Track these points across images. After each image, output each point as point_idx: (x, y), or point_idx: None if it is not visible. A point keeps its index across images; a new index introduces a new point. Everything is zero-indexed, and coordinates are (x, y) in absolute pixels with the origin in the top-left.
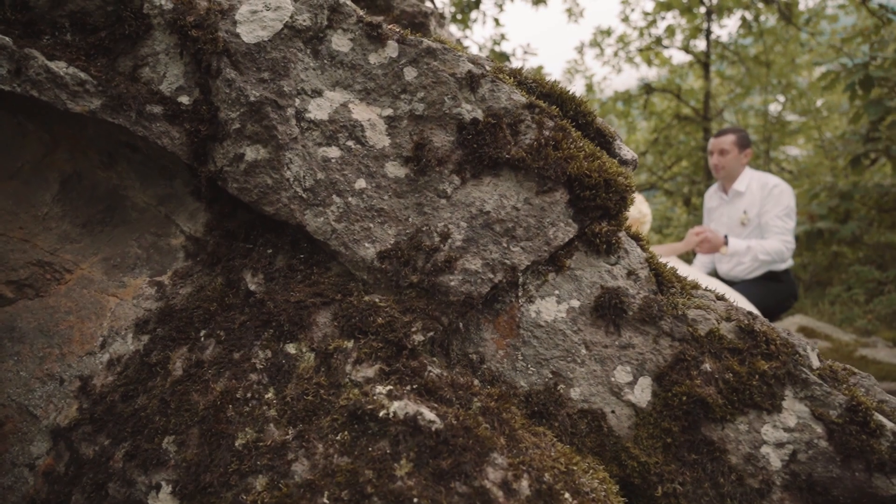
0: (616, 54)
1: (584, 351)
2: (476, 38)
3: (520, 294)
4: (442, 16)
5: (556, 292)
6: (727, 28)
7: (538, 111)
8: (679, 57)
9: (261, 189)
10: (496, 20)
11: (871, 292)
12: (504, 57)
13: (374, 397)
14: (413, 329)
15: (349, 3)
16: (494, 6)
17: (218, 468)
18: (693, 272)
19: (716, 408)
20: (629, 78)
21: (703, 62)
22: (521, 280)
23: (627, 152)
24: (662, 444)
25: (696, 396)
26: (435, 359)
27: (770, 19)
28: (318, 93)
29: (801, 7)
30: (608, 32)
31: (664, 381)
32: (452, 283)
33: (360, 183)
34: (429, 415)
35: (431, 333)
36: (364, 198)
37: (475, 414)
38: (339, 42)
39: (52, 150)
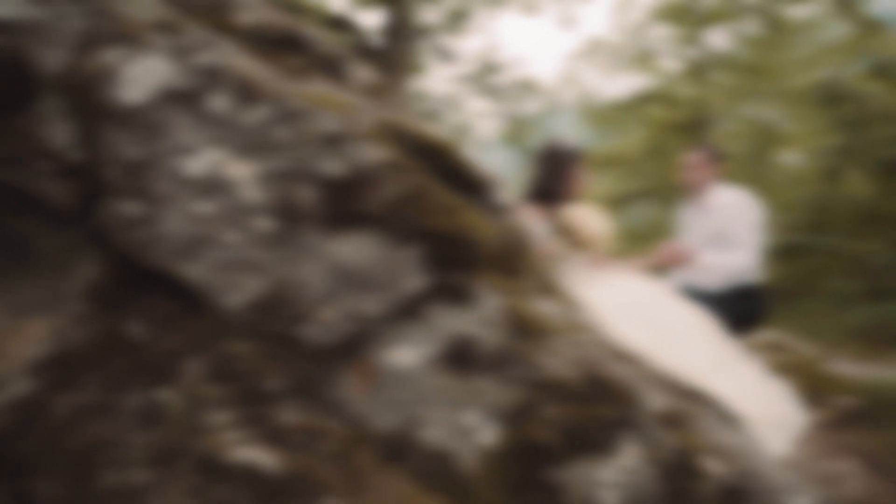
0: (609, 63)
1: (436, 395)
2: (468, 47)
3: (377, 342)
4: (382, 48)
5: (411, 340)
6: (720, 37)
7: (400, 168)
8: (672, 65)
9: (140, 242)
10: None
11: (842, 305)
12: (495, 68)
13: (225, 443)
14: (273, 376)
15: (229, 64)
16: (485, 15)
17: None
18: (660, 286)
19: (556, 451)
20: (623, 84)
21: (696, 70)
22: (377, 329)
23: (502, 199)
24: (508, 484)
25: (540, 440)
26: (293, 404)
27: (761, 28)
28: (194, 150)
29: (794, 16)
30: (601, 44)
31: (511, 424)
32: (312, 332)
33: (232, 236)
34: (269, 461)
35: (291, 380)
36: (235, 250)
37: (322, 458)
38: (216, 102)
39: None
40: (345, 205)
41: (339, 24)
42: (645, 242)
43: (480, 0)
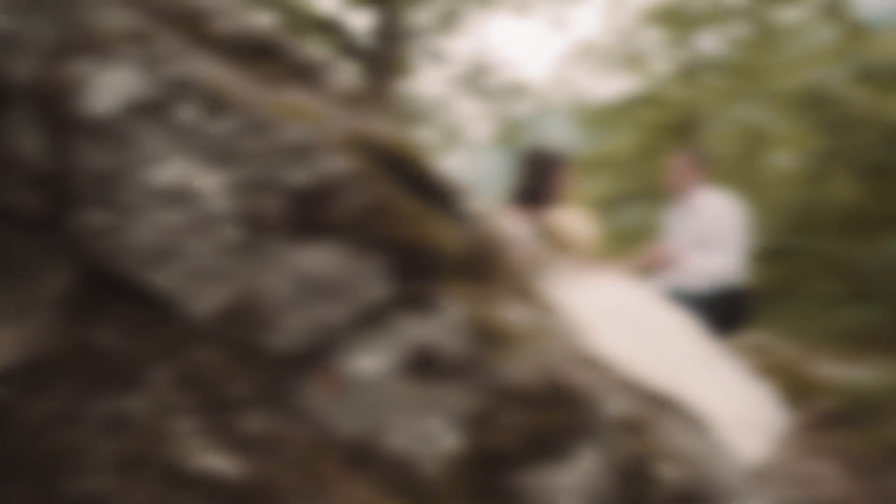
0: (600, 65)
1: (399, 402)
2: (459, 49)
3: (340, 350)
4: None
5: (374, 348)
6: (710, 39)
7: (365, 178)
8: (662, 67)
9: (108, 251)
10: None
11: (827, 307)
12: (486, 69)
13: (189, 450)
14: (238, 383)
15: (199, 74)
16: (475, 17)
17: None
18: (644, 289)
19: (517, 457)
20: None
21: (687, 73)
22: (341, 337)
23: (469, 208)
24: (469, 490)
25: (500, 446)
26: (258, 411)
27: (751, 31)
28: (161, 161)
29: (783, 19)
30: (592, 46)
31: (472, 431)
32: (277, 340)
33: (199, 245)
34: (233, 467)
35: (256, 388)
36: (202, 259)
37: (285, 464)
38: (184, 113)
39: None
40: (310, 214)
41: (327, 25)
42: (637, 243)
43: (471, 1)
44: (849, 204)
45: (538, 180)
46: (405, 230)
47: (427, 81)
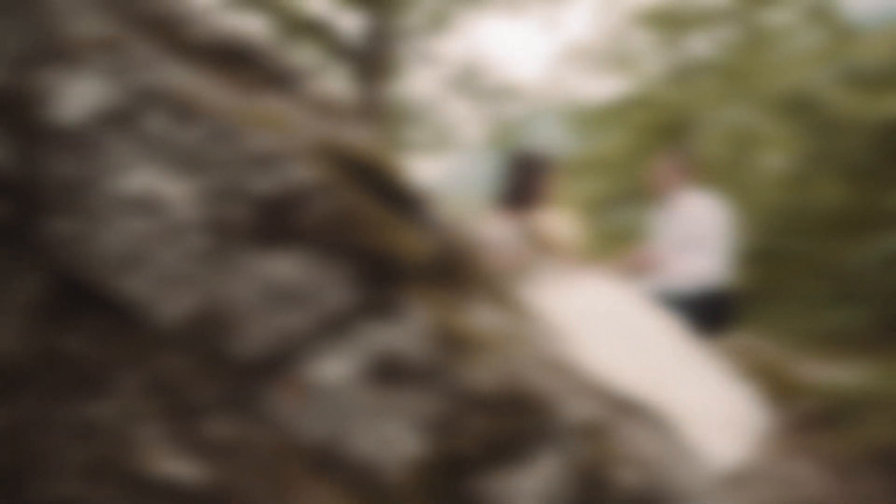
0: (592, 67)
1: (363, 408)
2: (451, 50)
3: (305, 356)
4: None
5: (339, 354)
6: (701, 42)
7: (331, 186)
8: (654, 69)
9: (77, 258)
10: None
11: (813, 308)
12: (477, 70)
13: (155, 456)
14: (204, 390)
15: (169, 83)
16: (467, 18)
17: None
18: (628, 291)
19: (477, 462)
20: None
21: (678, 75)
22: (306, 344)
23: (437, 214)
24: (431, 494)
25: (461, 451)
26: (223, 418)
27: (740, 34)
28: (129, 169)
29: (772, 22)
30: (584, 48)
31: (434, 436)
32: (242, 347)
33: (166, 252)
34: (198, 473)
35: (221, 394)
36: (169, 266)
37: (250, 470)
38: (152, 122)
39: None
40: (276, 222)
41: (317, 27)
42: (626, 245)
43: (462, 2)
44: (834, 206)
45: (523, 183)
46: (371, 238)
47: (418, 83)
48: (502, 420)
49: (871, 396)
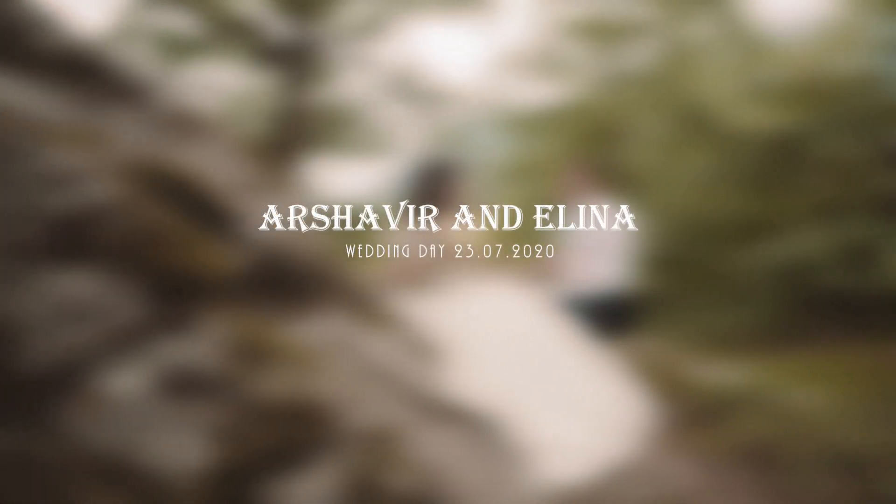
0: (526, 73)
1: (155, 419)
2: (384, 54)
3: (96, 370)
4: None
5: (130, 368)
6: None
7: (132, 205)
8: (587, 77)
9: None
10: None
11: (709, 311)
12: (412, 75)
13: None
14: None
15: None
16: (401, 22)
17: None
18: (528, 296)
19: (261, 470)
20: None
21: (608, 84)
22: (96, 357)
23: (253, 229)
24: (216, 501)
25: (247, 459)
26: (9, 434)
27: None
28: None
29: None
30: (518, 54)
31: (221, 445)
32: (28, 361)
33: None
34: None
35: (4, 409)
36: None
37: (35, 486)
38: None
39: None
40: (69, 241)
41: (245, 27)
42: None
43: (397, 5)
44: (733, 214)
45: (432, 191)
46: (169, 255)
47: (353, 87)
48: (285, 429)
49: (747, 395)
